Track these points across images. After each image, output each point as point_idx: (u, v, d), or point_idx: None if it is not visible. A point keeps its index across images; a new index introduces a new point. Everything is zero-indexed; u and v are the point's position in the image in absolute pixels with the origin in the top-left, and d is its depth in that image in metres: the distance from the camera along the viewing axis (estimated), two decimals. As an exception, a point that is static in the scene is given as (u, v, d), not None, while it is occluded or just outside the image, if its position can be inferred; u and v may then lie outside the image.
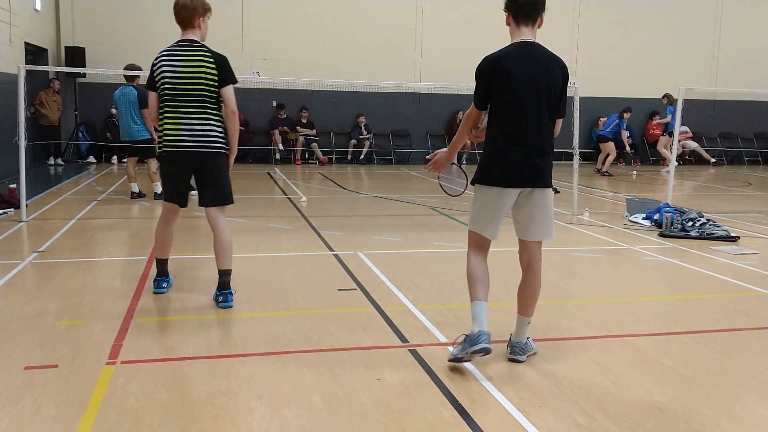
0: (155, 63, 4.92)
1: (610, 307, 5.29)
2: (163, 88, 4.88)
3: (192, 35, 4.93)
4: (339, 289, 5.56)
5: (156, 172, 9.61)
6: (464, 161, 17.09)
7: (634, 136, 19.32)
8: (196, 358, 4.03)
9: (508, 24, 3.92)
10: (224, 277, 4.99)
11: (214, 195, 4.99)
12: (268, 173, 14.94)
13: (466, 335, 3.84)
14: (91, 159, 16.28)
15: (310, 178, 14.60)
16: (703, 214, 8.42)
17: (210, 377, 3.73)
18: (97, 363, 3.84)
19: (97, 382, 3.59)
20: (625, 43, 19.51)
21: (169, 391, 3.52)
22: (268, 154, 17.47)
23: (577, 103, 9.68)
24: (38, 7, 14.86)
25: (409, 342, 4.30)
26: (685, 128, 17.99)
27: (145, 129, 9.99)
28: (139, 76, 9.94)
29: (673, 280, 6.51)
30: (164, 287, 5.28)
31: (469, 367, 3.88)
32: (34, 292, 5.49)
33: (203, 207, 5.07)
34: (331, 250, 7.01)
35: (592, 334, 4.62)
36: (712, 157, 19.32)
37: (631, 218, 9.17)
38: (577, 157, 9.96)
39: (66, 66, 15.37)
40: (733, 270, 6.52)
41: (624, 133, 18.27)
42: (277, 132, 17.35)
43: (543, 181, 3.89)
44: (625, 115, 17.56)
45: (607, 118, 17.32)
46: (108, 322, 4.55)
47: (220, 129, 4.92)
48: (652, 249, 7.49)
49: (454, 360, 3.87)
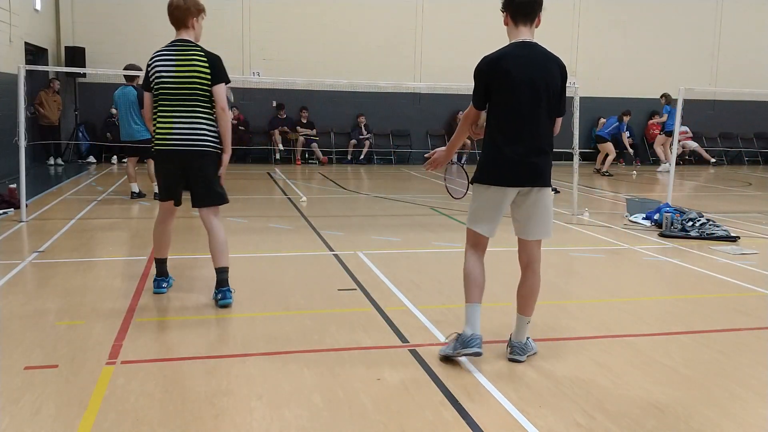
0: (150, 63, 4.96)
1: (610, 307, 5.29)
2: (156, 88, 4.91)
3: (186, 35, 4.95)
4: (339, 289, 5.56)
5: (156, 172, 9.61)
6: (464, 161, 17.08)
7: (634, 136, 19.34)
8: (196, 358, 4.03)
9: (506, 24, 3.93)
10: (221, 274, 4.99)
11: (205, 195, 5.00)
12: (268, 173, 14.94)
13: (459, 334, 3.91)
14: (91, 159, 16.28)
15: (310, 178, 14.60)
16: (703, 214, 8.42)
17: (210, 377, 3.73)
18: (97, 363, 3.84)
19: (97, 382, 3.59)
20: (625, 43, 19.52)
21: (169, 391, 3.52)
22: (268, 154, 17.47)
23: (577, 103, 9.68)
24: (38, 7, 14.87)
25: (409, 342, 4.30)
26: (685, 128, 17.99)
27: (145, 129, 9.97)
28: (138, 76, 9.94)
29: (673, 280, 6.51)
30: (164, 287, 5.28)
31: (470, 367, 3.88)
32: (34, 292, 5.49)
33: (195, 208, 5.08)
34: (331, 250, 7.01)
35: (592, 334, 4.62)
36: (712, 157, 19.32)
37: (631, 218, 9.17)
38: (577, 157, 9.96)
39: (66, 66, 15.37)
40: (733, 270, 6.52)
41: (624, 134, 18.30)
42: (277, 132, 17.35)
43: (542, 180, 3.89)
44: (625, 119, 17.59)
45: (606, 120, 17.32)
46: (108, 322, 4.55)
47: (211, 128, 4.92)
48: (652, 249, 7.49)
49: (444, 358, 3.95)
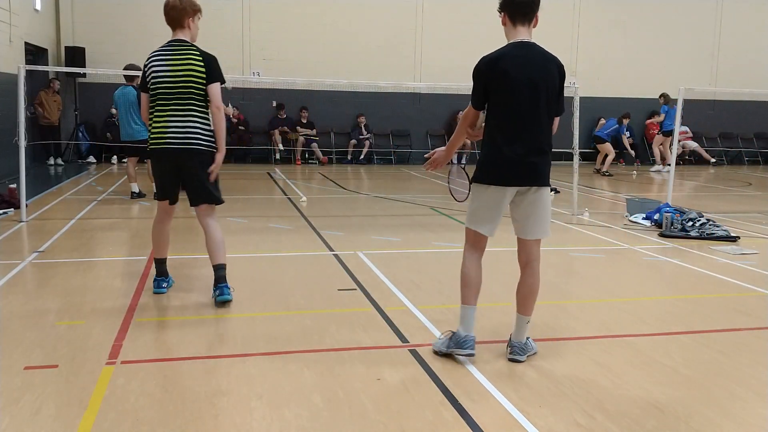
0: (146, 64, 4.99)
1: (610, 307, 5.29)
2: (153, 88, 4.93)
3: (182, 35, 4.97)
4: (339, 289, 5.56)
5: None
6: (464, 161, 17.09)
7: (634, 136, 19.34)
8: (196, 358, 4.03)
9: (504, 24, 3.96)
10: (219, 271, 5.00)
11: (198, 193, 5.01)
12: (268, 173, 14.94)
13: (453, 332, 4.00)
14: (91, 159, 16.28)
15: (310, 178, 14.60)
16: (703, 214, 8.42)
17: (210, 377, 3.73)
18: (97, 363, 3.84)
19: (97, 382, 3.59)
20: (625, 43, 19.52)
21: (169, 391, 3.52)
22: (268, 154, 17.47)
23: (577, 103, 9.68)
24: (38, 7, 14.87)
25: (409, 342, 4.30)
26: (685, 128, 18.00)
27: (145, 129, 9.84)
28: (138, 76, 9.93)
29: (673, 280, 6.50)
30: (164, 287, 5.28)
31: (470, 367, 3.88)
32: (34, 292, 5.49)
33: (191, 207, 5.10)
34: (331, 250, 7.01)
35: (592, 334, 4.62)
36: (712, 157, 19.33)
37: (631, 218, 9.17)
38: (577, 157, 9.96)
39: (66, 66, 15.37)
40: (733, 270, 6.52)
41: (624, 136, 18.32)
42: (277, 132, 17.35)
43: (541, 179, 3.91)
44: (624, 121, 17.61)
45: (606, 121, 17.32)
46: (108, 322, 4.55)
47: (205, 127, 4.92)
48: (652, 249, 7.49)
49: (437, 353, 4.05)
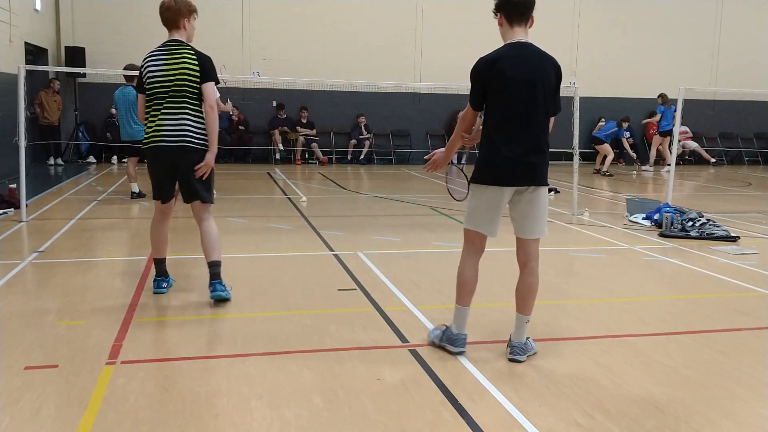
0: (142, 65, 5.02)
1: (610, 307, 5.29)
2: (148, 88, 4.96)
3: (177, 36, 5.00)
4: (339, 289, 5.56)
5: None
6: (464, 161, 17.07)
7: (634, 136, 19.35)
8: (196, 358, 4.03)
9: (501, 25, 3.98)
10: (213, 268, 5.00)
11: (192, 192, 5.02)
12: (268, 173, 14.93)
13: (447, 326, 4.14)
14: (91, 159, 16.28)
15: (310, 178, 14.60)
16: (703, 214, 8.43)
17: (210, 377, 3.73)
18: (97, 363, 3.84)
19: (97, 382, 3.59)
20: (625, 43, 19.51)
21: (169, 391, 3.52)
22: (268, 154, 17.47)
23: (577, 103, 9.68)
24: (38, 7, 14.86)
25: (409, 342, 4.31)
26: (685, 128, 18.01)
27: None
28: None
29: (673, 280, 6.50)
30: (164, 287, 5.28)
31: (469, 367, 3.89)
32: (34, 292, 5.49)
33: (186, 203, 5.13)
34: (331, 250, 7.01)
35: (592, 334, 4.62)
36: (712, 157, 19.33)
37: (631, 218, 9.17)
38: (577, 157, 9.96)
39: (66, 66, 15.38)
40: (733, 270, 6.52)
41: (624, 138, 18.34)
42: (277, 132, 17.35)
43: (540, 179, 3.94)
44: (624, 125, 17.62)
45: (605, 122, 17.32)
46: (108, 322, 4.55)
47: (198, 126, 4.92)
48: (652, 249, 7.49)
49: (431, 343, 4.21)
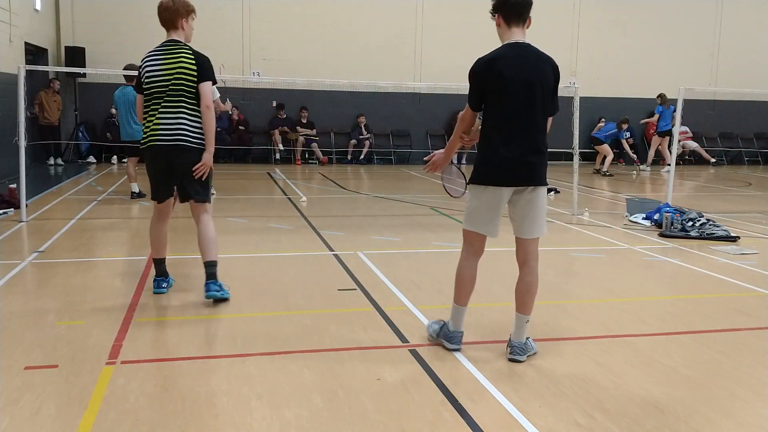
0: (140, 65, 5.03)
1: (610, 307, 5.29)
2: (146, 88, 4.98)
3: (175, 36, 5.00)
4: (339, 289, 5.56)
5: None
6: (464, 161, 17.08)
7: (635, 136, 19.34)
8: (196, 358, 4.03)
9: (499, 26, 3.99)
10: (208, 268, 5.00)
11: (186, 191, 5.03)
12: (268, 173, 14.93)
13: (445, 322, 4.20)
14: (91, 159, 16.28)
15: (310, 178, 14.60)
16: (703, 214, 8.43)
17: (210, 377, 3.73)
18: (97, 363, 3.84)
19: (97, 382, 3.59)
20: (625, 43, 19.51)
21: (169, 391, 3.52)
22: (268, 154, 17.47)
23: (577, 103, 9.68)
24: (38, 7, 14.86)
25: (409, 342, 4.31)
26: (685, 128, 18.00)
27: (144, 129, 9.97)
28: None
29: (673, 280, 6.50)
30: (164, 287, 5.28)
31: (469, 367, 3.89)
32: (34, 292, 5.49)
33: (185, 203, 5.14)
34: (331, 250, 7.01)
35: (592, 334, 4.62)
36: (712, 157, 19.33)
37: (631, 218, 9.17)
38: (577, 157, 9.96)
39: (66, 66, 15.38)
40: (733, 270, 6.52)
41: (623, 141, 18.35)
42: (277, 132, 17.35)
43: (539, 179, 3.95)
44: (623, 126, 17.62)
45: (605, 123, 17.32)
46: (108, 322, 4.55)
47: (194, 125, 4.92)
48: (652, 249, 7.49)
49: (429, 336, 4.29)
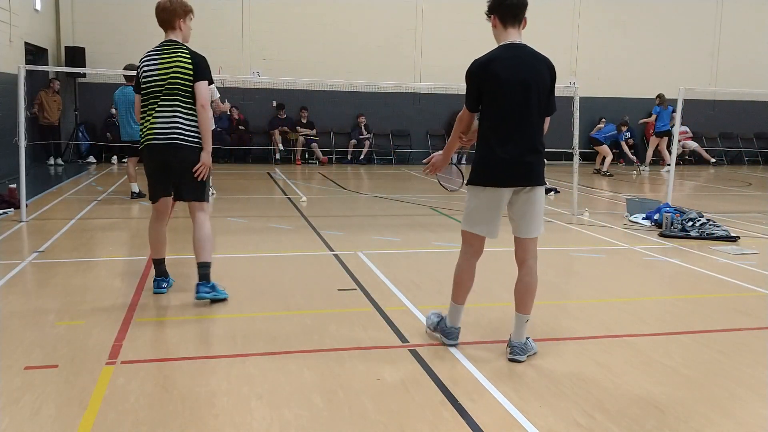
0: (139, 66, 5.03)
1: (610, 307, 5.29)
2: (143, 88, 4.98)
3: (173, 36, 5.00)
4: (339, 289, 5.56)
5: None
6: (464, 161, 17.08)
7: (635, 136, 19.34)
8: (196, 358, 4.03)
9: (495, 27, 4.00)
10: (200, 269, 5.00)
11: (182, 190, 5.03)
12: (268, 173, 14.93)
13: (443, 317, 4.27)
14: (91, 159, 16.27)
15: (310, 178, 14.60)
16: (703, 214, 8.43)
17: (210, 377, 3.73)
18: (97, 363, 3.84)
19: (97, 382, 3.59)
20: (625, 43, 19.50)
21: (169, 391, 3.52)
22: (268, 154, 17.46)
23: (577, 103, 9.68)
24: (38, 7, 14.86)
25: (409, 342, 4.31)
26: (685, 128, 18.00)
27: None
28: (139, 76, 9.95)
29: (673, 280, 6.50)
30: (164, 287, 5.29)
31: (469, 367, 3.89)
32: (34, 292, 5.49)
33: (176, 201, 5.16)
34: (331, 250, 7.01)
35: (592, 334, 4.62)
36: (712, 157, 19.32)
37: (631, 218, 9.17)
38: (577, 157, 9.96)
39: (66, 66, 15.37)
40: (733, 270, 6.52)
41: (623, 143, 18.36)
42: (277, 132, 17.35)
43: (536, 179, 3.96)
44: (623, 129, 17.61)
45: (605, 125, 17.31)
46: (108, 322, 4.56)
47: (189, 124, 4.90)
48: (652, 249, 7.49)
49: (428, 328, 4.38)
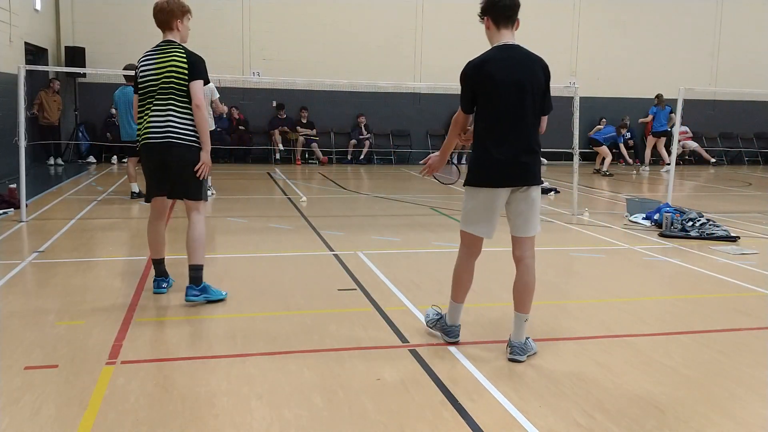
0: (136, 66, 5.04)
1: (610, 307, 5.29)
2: (140, 88, 4.99)
3: (171, 37, 5.01)
4: (339, 289, 5.56)
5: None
6: (464, 161, 17.09)
7: (635, 136, 19.34)
8: (196, 358, 4.03)
9: (488, 28, 4.01)
10: (190, 272, 4.99)
11: (178, 188, 5.04)
12: (268, 173, 14.94)
13: (443, 314, 4.30)
14: (91, 159, 16.28)
15: (310, 178, 14.60)
16: (703, 214, 8.43)
17: (210, 377, 3.73)
18: (97, 363, 3.84)
19: (97, 382, 3.59)
20: (625, 43, 19.50)
21: (169, 391, 3.53)
22: (268, 154, 17.47)
23: (577, 103, 9.68)
24: (38, 7, 14.86)
25: (409, 342, 4.31)
26: (685, 128, 18.00)
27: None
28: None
29: (673, 280, 6.50)
30: (164, 287, 5.29)
31: (469, 367, 3.89)
32: (34, 292, 5.49)
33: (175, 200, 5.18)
34: (331, 250, 7.01)
35: (592, 334, 4.62)
36: (712, 157, 19.33)
37: (631, 218, 9.17)
38: (577, 157, 9.96)
39: (66, 66, 15.38)
40: (733, 270, 6.52)
41: (621, 145, 18.37)
42: (277, 132, 17.35)
43: (533, 179, 3.98)
44: (622, 131, 17.62)
45: (604, 126, 17.31)
46: (108, 321, 4.56)
47: (183, 123, 4.89)
48: (652, 249, 7.49)
49: (427, 324, 4.41)
